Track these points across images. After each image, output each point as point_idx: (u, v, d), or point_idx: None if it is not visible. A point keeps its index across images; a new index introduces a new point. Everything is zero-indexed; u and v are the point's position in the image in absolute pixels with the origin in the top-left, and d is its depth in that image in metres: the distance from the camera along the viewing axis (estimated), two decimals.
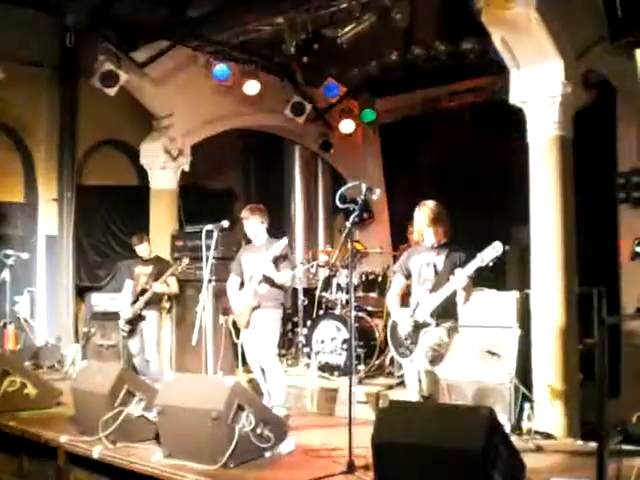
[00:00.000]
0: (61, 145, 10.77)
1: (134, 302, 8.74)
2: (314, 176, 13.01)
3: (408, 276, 6.32)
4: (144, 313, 8.74)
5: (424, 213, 6.16)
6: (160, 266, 8.93)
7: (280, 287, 7.15)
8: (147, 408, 6.29)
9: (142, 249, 8.99)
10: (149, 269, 8.91)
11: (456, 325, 6.18)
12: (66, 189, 10.74)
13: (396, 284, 6.45)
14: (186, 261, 8.74)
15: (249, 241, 7.44)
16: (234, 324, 7.52)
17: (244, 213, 7.27)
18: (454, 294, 5.91)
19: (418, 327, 6.03)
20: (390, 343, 6.37)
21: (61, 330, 10.59)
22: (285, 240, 7.10)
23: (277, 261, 7.03)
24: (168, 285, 8.89)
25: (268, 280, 7.03)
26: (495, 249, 5.70)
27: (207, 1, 8.82)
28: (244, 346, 7.30)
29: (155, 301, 8.86)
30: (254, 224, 7.22)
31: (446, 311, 6.02)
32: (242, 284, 7.30)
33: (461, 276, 5.79)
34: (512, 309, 7.24)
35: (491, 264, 5.73)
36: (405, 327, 6.11)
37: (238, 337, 7.51)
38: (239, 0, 8.53)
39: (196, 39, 9.54)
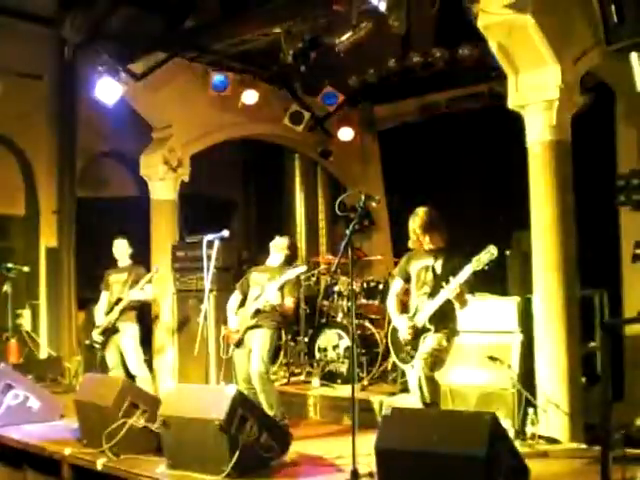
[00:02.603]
0: (61, 157, 10.78)
1: (108, 312, 8.49)
2: (314, 184, 13.03)
3: (407, 280, 6.35)
4: (119, 325, 8.44)
5: (417, 221, 6.20)
6: (136, 273, 8.61)
7: (282, 311, 7.19)
8: (150, 419, 6.29)
9: (121, 245, 8.69)
10: (124, 276, 8.63)
11: (455, 328, 6.19)
12: (66, 201, 10.74)
13: (395, 288, 6.47)
14: (157, 267, 8.70)
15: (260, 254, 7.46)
16: (224, 338, 7.48)
17: (278, 242, 7.39)
18: (456, 295, 5.92)
19: (418, 333, 6.05)
20: (391, 349, 6.38)
21: (63, 342, 10.59)
22: (304, 267, 7.15)
23: (284, 285, 7.05)
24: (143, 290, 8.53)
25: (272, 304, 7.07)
26: (490, 252, 5.71)
27: (204, 12, 8.85)
28: (235, 362, 7.22)
29: (131, 312, 8.54)
30: (280, 253, 7.34)
31: (445, 315, 6.04)
32: (243, 304, 7.30)
33: (455, 283, 5.80)
34: (513, 314, 7.24)
35: (486, 268, 5.73)
36: (404, 333, 6.12)
37: (226, 352, 7.48)
38: (236, 10, 8.55)
39: (193, 50, 9.56)
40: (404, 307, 6.39)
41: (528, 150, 7.11)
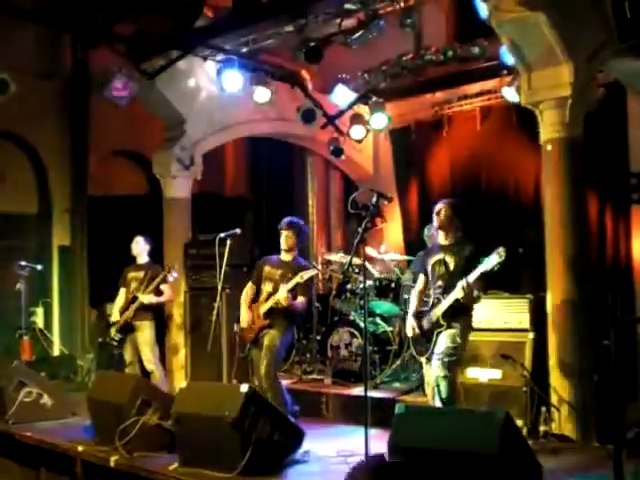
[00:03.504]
0: (73, 156, 10.83)
1: (125, 310, 8.49)
2: (326, 182, 13.02)
3: (427, 274, 6.40)
4: (135, 323, 8.43)
5: (437, 214, 6.28)
6: (153, 272, 8.57)
7: (294, 310, 7.11)
8: (163, 417, 6.31)
9: (140, 242, 8.69)
10: (141, 274, 8.61)
11: (469, 324, 6.22)
12: (78, 199, 10.78)
13: (417, 285, 6.56)
14: (175, 267, 8.66)
15: (272, 252, 7.38)
16: (237, 335, 7.45)
17: (283, 224, 7.21)
18: (465, 295, 5.95)
19: (432, 328, 6.08)
20: (411, 342, 6.42)
21: (76, 340, 10.63)
22: (314, 271, 7.07)
23: (297, 286, 6.99)
24: (162, 293, 8.54)
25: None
26: (499, 255, 5.74)
27: (215, 10, 8.85)
28: (252, 360, 7.19)
29: (148, 310, 8.51)
30: (291, 240, 7.17)
31: (458, 311, 6.06)
32: (257, 293, 7.27)
33: (464, 283, 5.83)
34: (526, 312, 7.23)
35: (496, 269, 5.76)
36: (409, 332, 6.30)
37: (242, 351, 7.44)
38: (248, 8, 8.55)
39: (205, 48, 9.57)
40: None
41: (541, 148, 7.10)
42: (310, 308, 9.82)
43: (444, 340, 6.00)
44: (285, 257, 7.24)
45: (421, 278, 6.52)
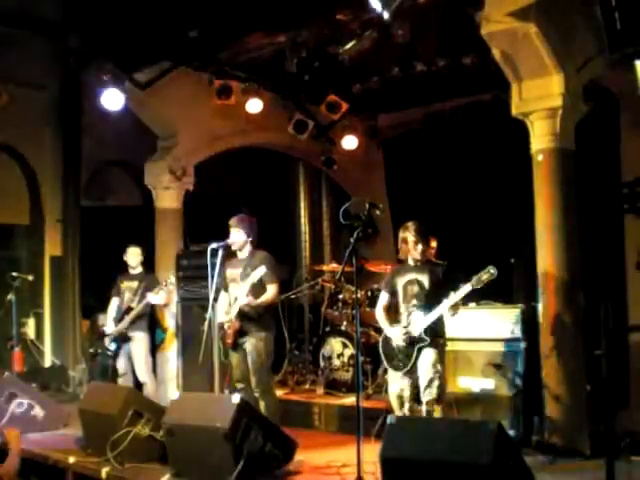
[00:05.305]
0: (65, 166, 10.80)
1: (119, 320, 8.45)
2: (318, 193, 13.03)
3: (393, 293, 6.50)
4: (130, 334, 8.40)
5: (406, 236, 6.37)
6: (147, 282, 8.55)
7: (267, 305, 6.92)
8: (155, 428, 6.29)
9: (134, 252, 8.66)
10: (135, 284, 8.58)
11: (445, 341, 6.37)
12: (71, 210, 10.76)
13: (381, 301, 6.63)
14: (172, 278, 8.60)
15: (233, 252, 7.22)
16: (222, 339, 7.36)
17: (232, 221, 7.10)
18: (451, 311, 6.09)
19: (413, 342, 6.16)
20: (383, 357, 6.47)
21: (67, 351, 10.59)
22: (262, 269, 6.72)
23: (260, 279, 6.78)
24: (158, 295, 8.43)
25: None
26: (490, 273, 5.83)
27: (208, 21, 8.86)
28: (231, 364, 7.06)
29: (142, 320, 8.50)
30: (240, 235, 7.06)
31: (438, 326, 6.22)
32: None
33: (456, 298, 5.98)
34: (518, 322, 7.23)
35: (484, 285, 5.88)
36: (399, 340, 6.29)
37: (226, 356, 7.34)
38: (240, 19, 8.57)
39: (198, 59, 9.58)
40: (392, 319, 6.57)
41: (532, 158, 7.11)
42: (302, 317, 9.83)
43: (426, 369, 6.07)
44: (242, 255, 7.11)
45: (384, 296, 6.60)
